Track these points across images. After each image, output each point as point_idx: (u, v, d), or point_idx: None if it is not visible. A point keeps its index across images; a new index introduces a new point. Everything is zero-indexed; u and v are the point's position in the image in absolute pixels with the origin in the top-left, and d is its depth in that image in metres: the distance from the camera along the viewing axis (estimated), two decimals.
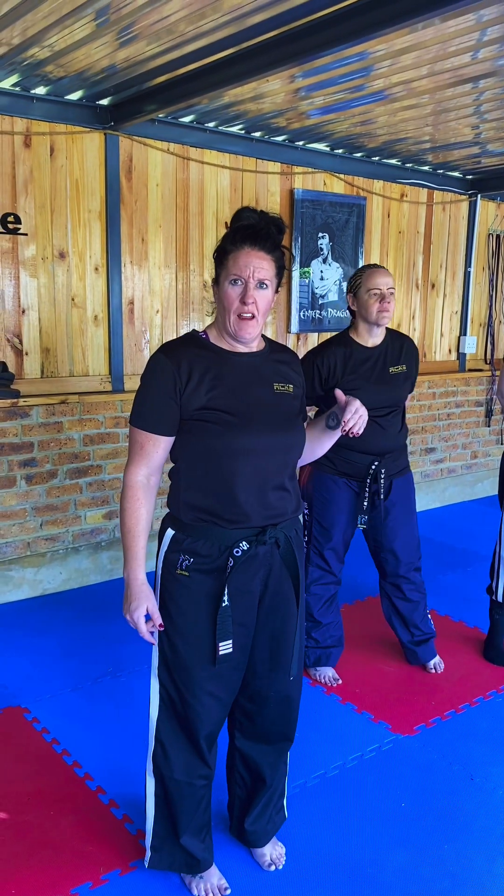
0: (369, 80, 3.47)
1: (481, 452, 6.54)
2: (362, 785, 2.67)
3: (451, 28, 2.84)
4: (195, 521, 1.94)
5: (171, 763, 2.07)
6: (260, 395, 1.94)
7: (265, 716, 2.16)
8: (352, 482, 3.18)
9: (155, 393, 1.91)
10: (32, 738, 2.89)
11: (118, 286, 4.26)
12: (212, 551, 1.92)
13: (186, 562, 1.94)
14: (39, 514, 4.14)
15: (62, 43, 3.07)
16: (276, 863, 2.29)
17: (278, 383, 1.98)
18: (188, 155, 4.41)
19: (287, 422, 1.97)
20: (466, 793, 2.65)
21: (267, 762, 2.22)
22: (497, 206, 6.27)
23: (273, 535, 1.94)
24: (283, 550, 1.98)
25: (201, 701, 2.00)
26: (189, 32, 2.92)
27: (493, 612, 3.61)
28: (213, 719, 2.04)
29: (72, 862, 2.27)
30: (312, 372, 3.10)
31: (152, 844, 2.16)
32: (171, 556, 1.99)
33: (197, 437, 1.89)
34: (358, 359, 3.11)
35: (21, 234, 3.90)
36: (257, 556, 1.94)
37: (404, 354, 3.21)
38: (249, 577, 1.95)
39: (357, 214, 5.22)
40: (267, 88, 3.61)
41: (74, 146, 4.01)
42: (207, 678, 1.99)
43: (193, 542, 1.94)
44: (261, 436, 1.89)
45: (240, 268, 1.85)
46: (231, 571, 1.91)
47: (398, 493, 3.23)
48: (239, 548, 1.91)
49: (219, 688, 2.02)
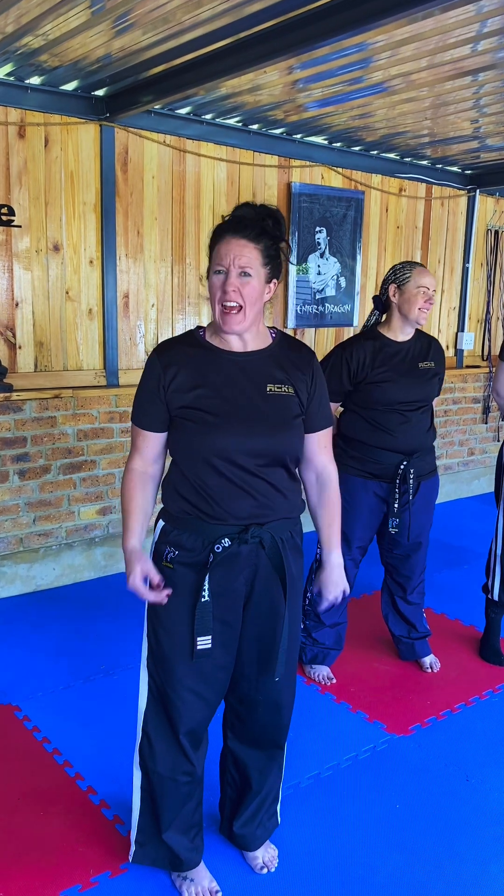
0: (368, 71, 3.43)
1: (478, 449, 6.52)
2: (356, 786, 2.65)
3: (451, 19, 2.80)
4: (181, 514, 1.95)
5: (155, 756, 2.07)
6: (247, 395, 1.90)
7: (255, 720, 2.13)
8: (381, 485, 3.12)
9: (144, 391, 1.98)
10: (23, 737, 2.86)
11: (113, 279, 4.22)
12: (195, 545, 1.93)
13: (171, 554, 1.96)
14: (32, 509, 4.10)
15: (56, 31, 3.02)
16: (268, 865, 2.26)
17: (273, 384, 1.93)
18: (184, 147, 4.37)
19: (277, 423, 1.91)
20: (461, 794, 2.62)
21: (256, 766, 2.20)
22: (496, 201, 6.23)
23: (256, 535, 1.91)
24: (268, 551, 1.95)
25: (181, 696, 2.00)
26: (186, 21, 2.87)
27: (488, 611, 3.59)
28: (194, 717, 2.03)
29: (62, 863, 2.24)
30: (340, 365, 3.07)
31: (137, 839, 2.16)
32: (159, 546, 2.01)
33: (180, 433, 1.93)
34: (388, 352, 3.08)
35: (15, 226, 3.85)
36: (240, 554, 1.92)
37: (432, 352, 3.19)
38: (233, 577, 1.94)
39: (355, 209, 5.18)
40: (264, 80, 3.57)
41: (69, 137, 3.96)
42: (188, 673, 1.98)
43: (179, 535, 1.96)
44: (241, 436, 1.87)
45: (220, 256, 1.84)
46: (211, 566, 1.90)
47: (422, 496, 3.19)
48: (220, 544, 1.90)
49: (201, 685, 2.01)
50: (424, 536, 3.29)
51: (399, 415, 3.07)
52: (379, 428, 3.08)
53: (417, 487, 3.15)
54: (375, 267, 5.48)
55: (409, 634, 3.41)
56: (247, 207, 1.91)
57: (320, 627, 3.27)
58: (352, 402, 3.15)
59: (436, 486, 3.29)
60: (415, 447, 3.12)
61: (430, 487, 3.24)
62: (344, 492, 3.13)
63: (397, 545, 3.24)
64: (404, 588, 3.35)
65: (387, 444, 3.08)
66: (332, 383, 3.12)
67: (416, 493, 3.15)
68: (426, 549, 3.34)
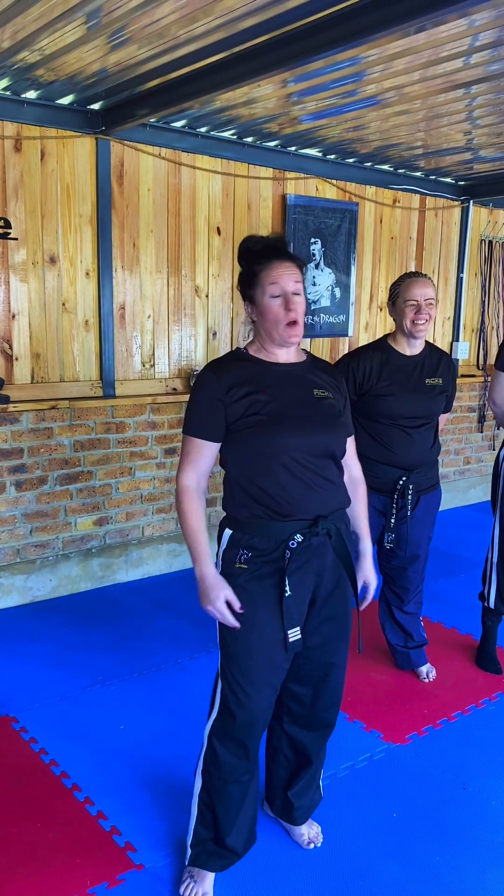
0: (361, 85, 3.46)
1: (474, 458, 6.53)
2: (354, 795, 2.64)
3: (444, 33, 2.84)
4: (251, 518, 2.06)
5: (219, 763, 2.15)
6: (300, 397, 2.09)
7: (316, 700, 2.25)
8: (379, 498, 3.11)
9: (202, 403, 2.09)
10: (20, 748, 2.85)
11: (109, 291, 4.24)
12: (268, 545, 2.04)
13: (245, 555, 2.06)
14: (29, 520, 4.11)
15: (53, 46, 3.05)
16: (314, 840, 2.40)
17: (317, 389, 2.13)
18: (180, 160, 4.40)
19: (327, 421, 2.10)
20: (459, 803, 2.62)
21: (312, 746, 2.33)
22: (489, 211, 6.28)
23: (325, 526, 2.05)
24: (334, 541, 2.10)
25: (262, 692, 2.10)
26: (181, 36, 2.90)
27: (485, 619, 3.59)
28: (267, 712, 2.15)
29: (59, 875, 2.23)
30: (346, 374, 3.06)
31: (191, 842, 2.23)
32: (229, 552, 2.10)
33: (245, 440, 2.04)
34: (395, 365, 3.06)
35: (11, 238, 3.87)
36: (311, 546, 2.05)
37: (441, 368, 3.15)
38: (306, 568, 2.06)
39: (349, 220, 5.21)
40: (259, 93, 3.60)
41: (65, 151, 3.99)
42: (269, 670, 2.09)
43: (251, 539, 2.06)
44: (302, 433, 2.03)
45: (275, 280, 2.04)
46: (290, 562, 2.02)
47: (422, 510, 3.18)
48: (294, 540, 2.02)
49: (275, 677, 2.12)
50: (423, 549, 3.28)
51: (401, 430, 3.05)
52: (379, 442, 3.07)
53: (417, 501, 3.14)
54: (370, 278, 5.51)
55: (405, 643, 3.42)
56: (258, 238, 2.13)
57: None
58: (355, 412, 3.12)
59: (437, 500, 3.27)
60: (415, 463, 3.10)
61: (431, 501, 3.23)
62: None
63: (395, 556, 3.24)
64: (402, 598, 3.35)
65: (386, 458, 3.07)
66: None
67: (416, 507, 3.14)
68: (425, 561, 3.33)
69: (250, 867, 2.30)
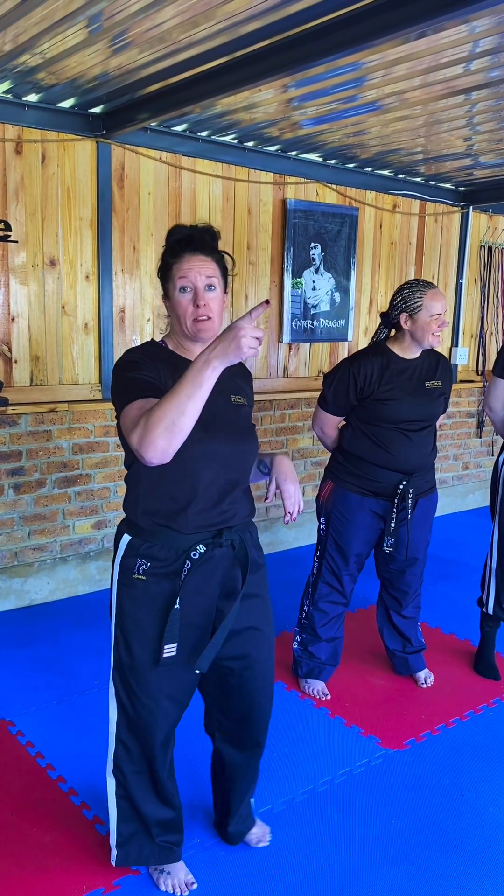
0: (362, 90, 3.47)
1: (472, 464, 6.53)
2: (351, 801, 2.64)
3: (444, 39, 2.84)
4: (152, 526, 1.97)
5: (133, 760, 2.12)
6: (219, 404, 1.95)
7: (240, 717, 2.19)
8: (378, 502, 3.11)
9: (133, 366, 1.91)
10: (16, 752, 2.84)
11: (109, 294, 4.24)
12: (169, 555, 1.96)
13: (143, 566, 1.97)
14: (27, 523, 4.10)
15: (54, 50, 3.05)
16: (262, 839, 2.40)
17: (234, 395, 2.05)
18: (180, 164, 4.40)
19: (243, 430, 2.04)
20: (457, 809, 2.61)
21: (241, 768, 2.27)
22: (489, 217, 6.29)
23: (229, 538, 1.99)
24: (238, 552, 2.02)
25: (160, 704, 2.04)
26: (182, 40, 2.91)
27: (483, 625, 3.59)
28: (169, 721, 2.10)
29: (55, 879, 2.23)
30: (347, 380, 3.04)
31: (117, 842, 2.19)
32: (127, 561, 2.01)
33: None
34: (395, 369, 3.04)
35: (11, 241, 3.88)
36: (213, 558, 1.98)
37: (440, 370, 3.15)
38: (206, 580, 1.99)
39: (349, 225, 5.22)
40: (260, 98, 3.61)
41: (66, 154, 3.99)
42: (164, 680, 2.03)
43: (150, 547, 1.97)
44: (220, 443, 1.95)
45: (185, 274, 1.92)
46: (187, 574, 1.95)
47: (421, 513, 3.18)
48: (196, 551, 1.95)
49: (176, 689, 2.06)
50: (422, 553, 3.28)
51: (401, 434, 3.04)
52: (380, 446, 3.05)
53: (415, 505, 3.14)
54: (370, 283, 5.52)
55: (403, 648, 3.41)
56: (182, 227, 2.01)
57: (317, 641, 3.26)
58: (355, 417, 3.12)
59: (434, 503, 3.27)
60: (415, 467, 3.09)
61: (429, 504, 3.24)
62: (342, 508, 3.15)
63: (393, 560, 3.24)
64: (400, 602, 3.34)
65: (387, 462, 3.06)
66: (338, 398, 3.11)
67: (414, 510, 3.15)
68: (423, 565, 3.33)
69: (241, 874, 2.29)
